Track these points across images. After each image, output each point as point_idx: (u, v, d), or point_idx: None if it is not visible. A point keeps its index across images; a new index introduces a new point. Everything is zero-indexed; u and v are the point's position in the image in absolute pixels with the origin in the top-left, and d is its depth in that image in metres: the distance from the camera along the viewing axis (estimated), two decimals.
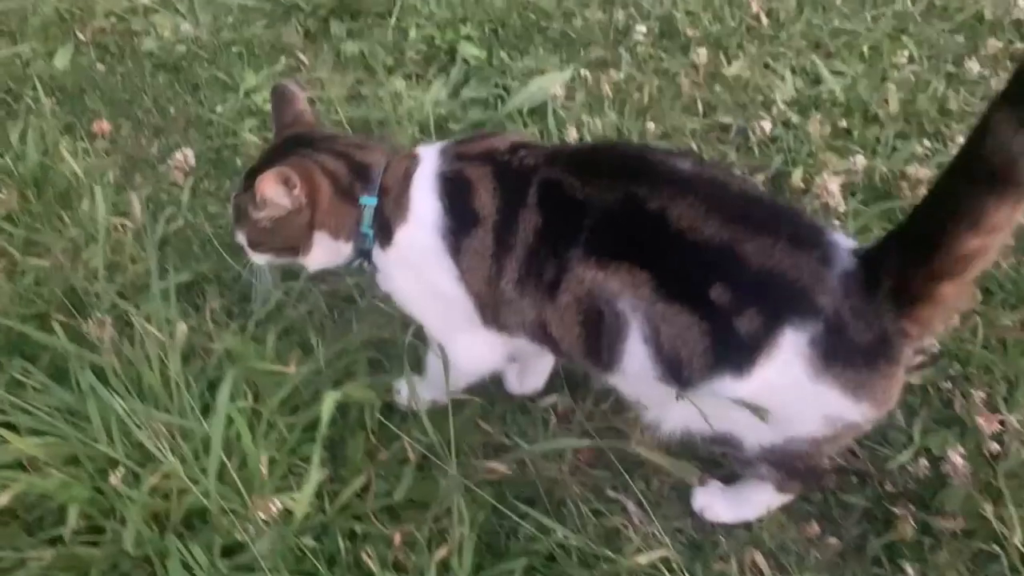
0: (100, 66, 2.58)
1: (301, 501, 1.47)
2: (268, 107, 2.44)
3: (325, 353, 1.72)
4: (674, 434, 1.45)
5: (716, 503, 1.62)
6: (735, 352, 1.26)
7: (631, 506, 1.63)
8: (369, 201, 1.47)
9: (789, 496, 1.59)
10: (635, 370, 1.36)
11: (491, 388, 1.84)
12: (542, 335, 1.43)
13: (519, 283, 1.38)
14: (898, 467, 1.63)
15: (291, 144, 1.54)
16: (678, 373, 1.31)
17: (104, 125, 2.40)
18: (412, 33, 2.63)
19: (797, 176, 2.17)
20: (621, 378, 1.43)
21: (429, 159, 1.47)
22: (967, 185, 1.10)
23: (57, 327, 1.66)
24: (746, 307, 1.24)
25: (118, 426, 1.57)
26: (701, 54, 2.53)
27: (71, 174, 2.19)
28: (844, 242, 1.28)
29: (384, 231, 1.48)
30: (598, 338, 1.36)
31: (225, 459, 1.48)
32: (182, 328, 1.61)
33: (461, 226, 1.41)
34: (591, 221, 1.32)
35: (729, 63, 2.57)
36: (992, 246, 1.13)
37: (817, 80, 2.53)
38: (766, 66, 2.58)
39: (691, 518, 1.65)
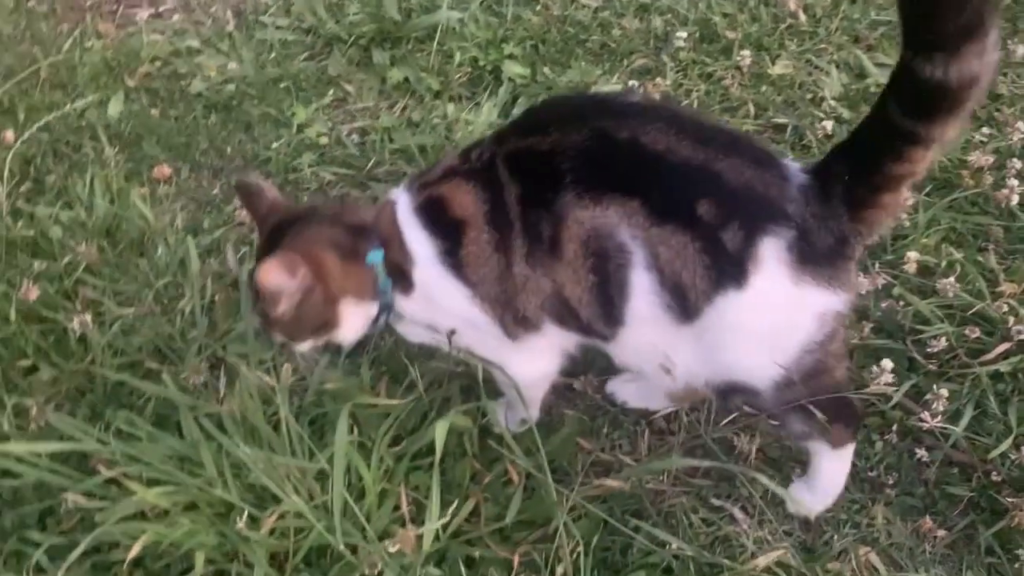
0: (153, 111, 2.61)
1: (428, 530, 1.50)
2: (322, 140, 2.52)
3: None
4: (697, 382, 1.49)
5: (802, 493, 1.65)
6: (729, 265, 1.34)
7: (738, 513, 1.66)
8: (376, 257, 1.50)
9: (848, 450, 1.60)
10: (644, 311, 1.40)
11: (585, 403, 1.88)
12: (562, 307, 1.45)
13: (528, 256, 1.41)
14: (1000, 456, 1.65)
15: (276, 232, 1.54)
16: (684, 300, 1.37)
17: (164, 170, 2.43)
18: (456, 56, 2.66)
19: None
20: (633, 333, 1.45)
21: (402, 199, 1.53)
22: (893, 121, 1.24)
23: (166, 376, 1.68)
24: (729, 221, 1.31)
25: (231, 470, 1.61)
26: (744, 56, 2.56)
27: (142, 220, 2.22)
28: (792, 163, 1.41)
29: (402, 278, 1.52)
30: (609, 281, 1.39)
31: (347, 495, 1.50)
32: (287, 368, 1.64)
33: (452, 242, 1.46)
34: (568, 163, 1.36)
35: (773, 63, 2.59)
36: (919, 170, 1.28)
37: (862, 74, 2.55)
38: (808, 63, 2.60)
39: (798, 520, 1.67)
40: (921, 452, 1.70)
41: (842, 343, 1.50)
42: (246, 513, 1.52)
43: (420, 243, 1.48)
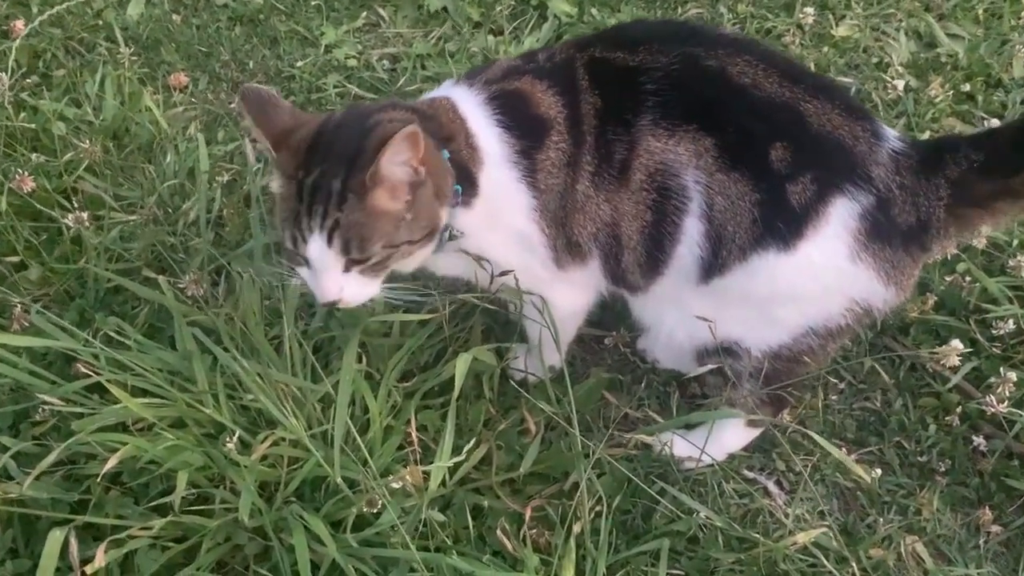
0: (175, 17, 2.46)
1: (436, 470, 1.35)
2: (351, 63, 2.36)
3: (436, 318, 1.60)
4: (681, 350, 1.44)
5: (679, 443, 1.54)
6: (785, 222, 1.23)
7: (772, 486, 1.52)
8: (445, 155, 1.30)
9: (754, 433, 1.55)
10: (681, 262, 1.32)
11: (613, 359, 1.73)
12: (613, 242, 1.34)
13: (593, 176, 1.30)
14: None
15: (338, 130, 1.26)
16: (716, 254, 1.28)
17: (181, 78, 2.29)
18: None
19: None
20: (662, 286, 1.37)
21: (460, 93, 1.35)
22: None
23: (162, 281, 1.54)
24: (802, 172, 1.22)
25: (224, 389, 1.47)
26: (807, 13, 2.39)
27: (153, 125, 2.07)
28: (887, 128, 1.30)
29: (468, 181, 1.31)
30: (663, 223, 1.30)
31: (351, 425, 1.36)
32: (294, 284, 1.49)
33: (531, 142, 1.30)
34: (652, 84, 1.27)
35: (837, 24, 2.42)
36: None
37: (932, 43, 2.38)
38: (875, 28, 2.43)
39: (837, 500, 1.53)
40: (979, 440, 1.55)
41: (844, 341, 1.41)
42: (237, 435, 1.38)
43: (492, 139, 1.31)
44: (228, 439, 1.35)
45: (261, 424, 1.48)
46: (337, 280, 1.25)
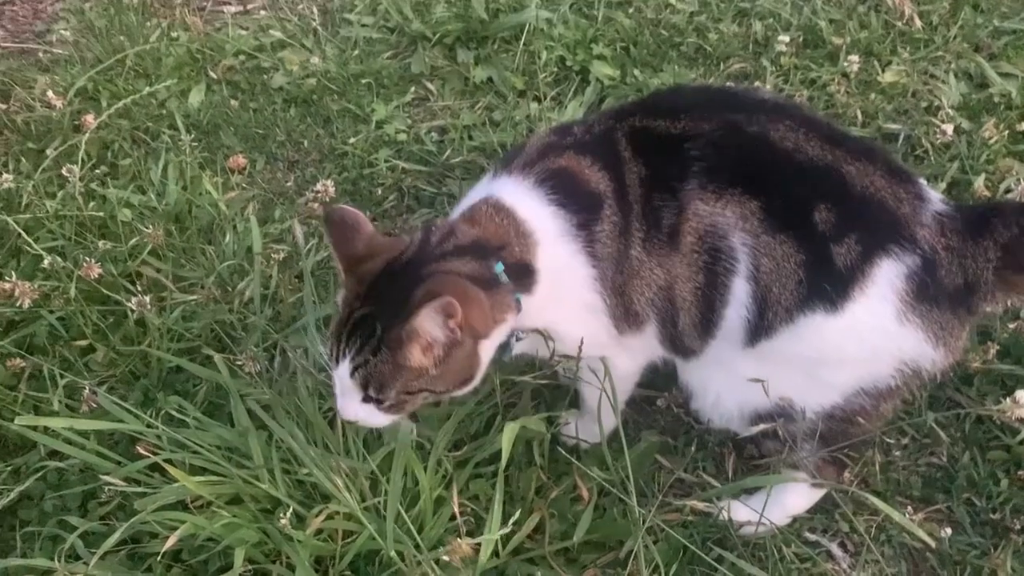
0: (233, 102, 2.57)
1: (487, 541, 1.35)
2: (400, 137, 2.43)
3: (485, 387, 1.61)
4: (730, 416, 1.41)
5: (738, 508, 1.51)
6: (831, 284, 1.23)
7: (836, 549, 1.47)
8: (499, 268, 1.32)
9: (817, 495, 1.51)
10: (730, 324, 1.32)
11: (665, 421, 1.71)
12: (668, 305, 1.35)
13: (645, 242, 1.31)
14: None
15: (399, 273, 1.30)
16: (762, 316, 1.28)
17: (240, 160, 2.38)
18: (543, 56, 2.55)
19: (979, 183, 1.99)
20: (711, 348, 1.37)
21: (502, 186, 1.38)
22: None
23: (218, 359, 1.59)
24: (847, 232, 1.22)
25: (279, 464, 1.50)
26: (852, 61, 2.37)
27: (213, 208, 2.16)
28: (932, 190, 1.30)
29: (525, 275, 1.34)
30: (715, 285, 1.31)
31: (400, 499, 1.37)
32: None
33: (587, 215, 1.32)
34: (697, 151, 1.29)
35: (883, 70, 2.40)
36: None
37: (983, 83, 2.34)
38: (924, 72, 2.40)
39: (904, 561, 1.47)
40: None
41: (899, 403, 1.39)
42: (291, 510, 1.41)
43: (546, 218, 1.33)
44: (283, 514, 1.38)
45: (316, 498, 1.50)
46: (354, 406, 1.34)
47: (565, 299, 1.37)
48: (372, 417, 1.34)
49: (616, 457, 1.48)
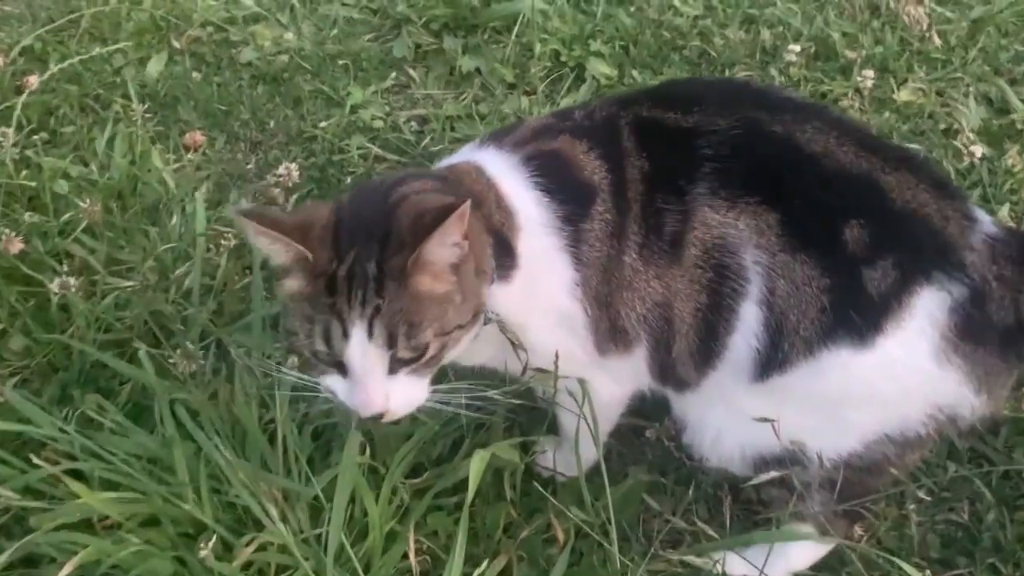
0: (196, 75, 2.36)
1: None
2: (377, 124, 2.23)
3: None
4: (731, 459, 1.23)
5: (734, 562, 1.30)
6: (860, 313, 1.06)
7: None
8: None
9: (824, 550, 1.32)
10: (735, 354, 1.14)
11: (654, 455, 1.52)
12: (663, 326, 1.17)
13: (642, 249, 1.14)
14: None
15: (363, 207, 1.12)
16: (775, 348, 1.11)
17: (197, 137, 2.17)
18: (536, 49, 2.36)
19: (1004, 213, 1.83)
20: (711, 380, 1.19)
21: (487, 156, 1.20)
22: None
23: (143, 354, 1.37)
24: (882, 255, 1.06)
25: (207, 481, 1.28)
26: (866, 77, 2.21)
27: (161, 185, 1.94)
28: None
29: (504, 250, 1.15)
30: (719, 309, 1.13)
31: (345, 534, 1.16)
32: (292, 363, 1.31)
33: (576, 208, 1.14)
34: (710, 149, 1.12)
35: (898, 88, 2.24)
36: None
37: (1004, 108, 2.19)
38: (939, 93, 2.25)
39: None
40: None
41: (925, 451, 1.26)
42: (216, 537, 1.19)
43: (530, 203, 1.15)
44: (206, 542, 1.16)
45: (248, 524, 1.28)
46: (381, 386, 1.07)
47: (539, 302, 1.18)
48: (404, 393, 1.08)
49: (597, 495, 1.29)
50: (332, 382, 1.11)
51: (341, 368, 1.08)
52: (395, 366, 1.07)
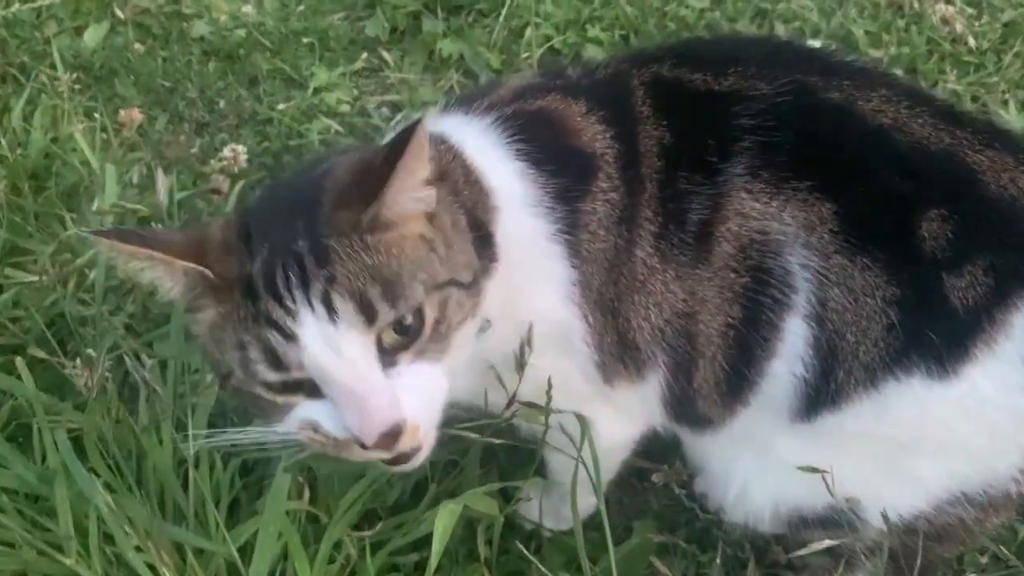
0: (138, 46, 2.08)
1: None
2: (343, 108, 1.97)
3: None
4: (760, 516, 1.00)
5: None
6: (940, 333, 0.85)
7: None
8: None
9: None
10: (775, 385, 0.92)
11: (660, 504, 1.26)
12: (684, 343, 0.93)
13: (658, 241, 0.91)
14: None
15: (280, 198, 0.91)
16: (827, 377, 0.89)
17: (134, 114, 1.89)
18: (527, 33, 2.12)
19: None
20: (741, 418, 0.96)
21: (454, 123, 0.94)
22: None
23: (21, 364, 1.09)
24: (971, 257, 0.86)
25: (98, 529, 1.00)
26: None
27: (84, 166, 1.66)
28: None
29: (479, 241, 0.88)
30: (756, 325, 0.90)
31: None
32: (208, 381, 1.03)
33: (572, 182, 0.89)
34: (750, 120, 0.90)
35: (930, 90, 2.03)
36: None
37: None
38: (975, 99, 2.04)
39: None
40: None
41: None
42: None
43: (510, 176, 0.90)
44: None
45: None
46: (381, 383, 0.78)
47: (521, 309, 0.91)
48: (422, 384, 0.80)
49: (595, 555, 1.03)
50: (307, 413, 0.81)
51: (310, 389, 0.80)
52: (389, 353, 0.79)
